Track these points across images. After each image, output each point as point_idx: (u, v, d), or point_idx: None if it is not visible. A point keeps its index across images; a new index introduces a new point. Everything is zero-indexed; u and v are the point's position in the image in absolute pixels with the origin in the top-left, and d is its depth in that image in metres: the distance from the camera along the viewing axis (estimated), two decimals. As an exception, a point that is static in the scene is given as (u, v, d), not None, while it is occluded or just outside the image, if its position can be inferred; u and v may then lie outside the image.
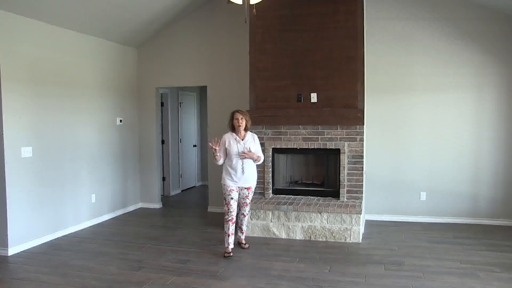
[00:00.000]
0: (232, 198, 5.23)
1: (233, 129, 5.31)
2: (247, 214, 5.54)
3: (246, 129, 5.32)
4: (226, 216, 5.25)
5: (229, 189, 5.23)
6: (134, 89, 7.80)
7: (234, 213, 5.24)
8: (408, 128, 6.67)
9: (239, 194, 5.32)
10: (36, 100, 5.70)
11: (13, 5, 5.12)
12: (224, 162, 5.35)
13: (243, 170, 5.22)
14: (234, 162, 5.22)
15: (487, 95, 6.40)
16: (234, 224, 5.29)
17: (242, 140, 5.27)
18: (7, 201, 5.30)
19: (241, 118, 5.23)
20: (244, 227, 5.60)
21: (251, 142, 5.30)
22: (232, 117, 5.29)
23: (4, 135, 5.23)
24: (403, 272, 4.60)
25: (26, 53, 5.52)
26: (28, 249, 5.53)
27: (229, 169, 5.26)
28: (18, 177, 5.44)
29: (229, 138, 5.29)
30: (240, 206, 5.43)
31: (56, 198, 6.04)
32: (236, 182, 5.24)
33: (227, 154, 5.29)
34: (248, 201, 5.43)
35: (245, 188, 5.32)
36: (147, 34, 7.47)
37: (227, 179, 5.27)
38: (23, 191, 5.52)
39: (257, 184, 6.36)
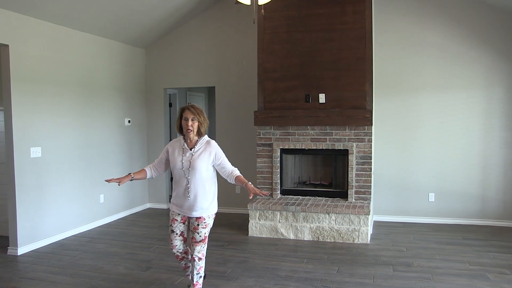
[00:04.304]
0: (173, 231, 3.79)
1: (182, 131, 3.75)
2: (197, 259, 3.73)
3: (200, 134, 3.73)
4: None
5: (171, 218, 3.81)
6: (142, 90, 7.83)
7: (176, 250, 3.85)
8: (416, 128, 6.64)
9: (188, 226, 3.84)
10: (45, 101, 5.74)
11: (23, 6, 5.17)
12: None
13: (188, 193, 3.66)
14: (177, 181, 3.74)
15: (496, 95, 6.36)
16: (185, 260, 3.96)
17: (191, 149, 3.70)
18: (17, 201, 5.34)
19: (192, 119, 3.63)
20: (195, 277, 3.76)
21: (204, 152, 3.69)
22: (181, 116, 3.70)
23: (13, 135, 5.27)
24: (411, 273, 4.57)
25: (35, 54, 5.56)
26: (37, 249, 5.56)
27: (174, 189, 3.81)
28: (27, 177, 5.47)
29: (174, 146, 3.79)
30: (189, 244, 3.85)
31: (65, 198, 6.07)
32: (180, 209, 3.74)
33: (170, 167, 3.82)
34: (198, 237, 3.70)
35: (194, 218, 3.74)
36: (155, 34, 7.50)
37: (172, 203, 3.84)
38: (32, 191, 5.56)
39: (259, 187, 6.36)
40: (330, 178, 6.57)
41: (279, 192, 6.36)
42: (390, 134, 6.74)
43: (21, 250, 5.40)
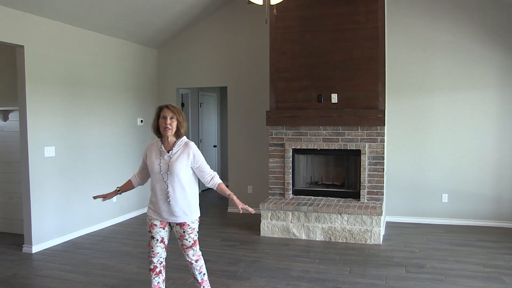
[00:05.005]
0: (153, 237, 3.55)
1: (159, 132, 3.53)
2: (194, 261, 3.62)
3: (178, 135, 3.52)
4: (149, 263, 3.63)
5: (150, 223, 3.59)
6: (155, 90, 7.87)
7: (157, 260, 3.57)
8: (429, 128, 6.58)
9: (170, 232, 3.66)
10: (59, 101, 5.80)
11: (38, 7, 5.22)
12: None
13: (168, 198, 3.44)
14: (155, 185, 3.51)
15: (510, 95, 6.28)
16: (161, 276, 3.62)
17: (169, 152, 3.48)
18: (31, 200, 5.41)
19: (171, 118, 3.43)
20: (199, 277, 3.69)
21: (182, 154, 3.46)
22: (158, 116, 3.50)
23: (28, 135, 5.33)
24: (424, 275, 4.54)
25: (49, 54, 5.62)
26: (51, 247, 5.62)
27: (151, 194, 3.60)
28: (41, 176, 5.54)
29: (151, 149, 3.57)
30: (181, 250, 3.67)
31: (78, 197, 6.12)
32: (160, 214, 3.53)
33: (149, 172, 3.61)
34: (188, 242, 3.55)
35: (176, 224, 3.54)
36: (168, 35, 7.54)
37: (149, 208, 3.62)
38: (46, 190, 5.62)
39: (271, 189, 6.36)
40: (342, 178, 6.55)
41: (291, 192, 6.36)
42: (403, 134, 6.69)
43: (36, 248, 5.46)
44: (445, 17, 6.43)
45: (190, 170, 3.52)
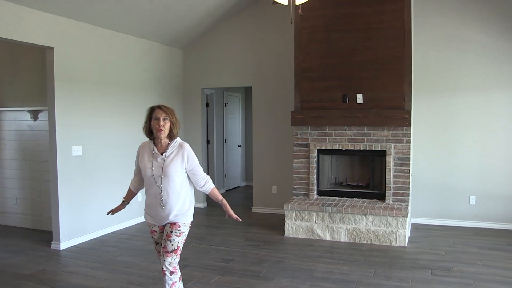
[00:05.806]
0: (157, 243, 3.51)
1: (152, 134, 3.39)
2: (169, 273, 3.33)
3: (172, 136, 3.36)
4: (160, 264, 3.44)
5: (150, 230, 3.52)
6: (180, 90, 7.94)
7: None
8: (457, 129, 6.45)
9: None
10: (87, 101, 5.90)
11: (67, 10, 5.33)
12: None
13: (162, 202, 3.30)
14: (149, 189, 3.39)
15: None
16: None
17: (162, 154, 3.32)
18: (59, 198, 5.52)
19: (164, 119, 3.30)
20: None
21: (176, 156, 3.30)
22: (150, 117, 3.37)
23: (56, 134, 5.45)
24: (451, 278, 4.45)
25: (78, 56, 5.72)
26: (78, 244, 5.73)
27: (146, 198, 3.46)
28: (69, 175, 5.65)
29: (144, 151, 3.43)
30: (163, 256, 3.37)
31: (104, 195, 6.22)
32: (154, 218, 3.42)
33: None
34: (170, 246, 3.32)
35: (167, 224, 3.39)
36: (193, 35, 7.59)
37: (146, 213, 3.50)
38: (74, 188, 5.73)
39: (295, 190, 6.33)
40: (368, 179, 6.48)
41: (315, 192, 6.32)
42: (430, 134, 6.58)
43: (63, 245, 5.58)
44: (474, 15, 6.29)
45: (184, 172, 3.37)
